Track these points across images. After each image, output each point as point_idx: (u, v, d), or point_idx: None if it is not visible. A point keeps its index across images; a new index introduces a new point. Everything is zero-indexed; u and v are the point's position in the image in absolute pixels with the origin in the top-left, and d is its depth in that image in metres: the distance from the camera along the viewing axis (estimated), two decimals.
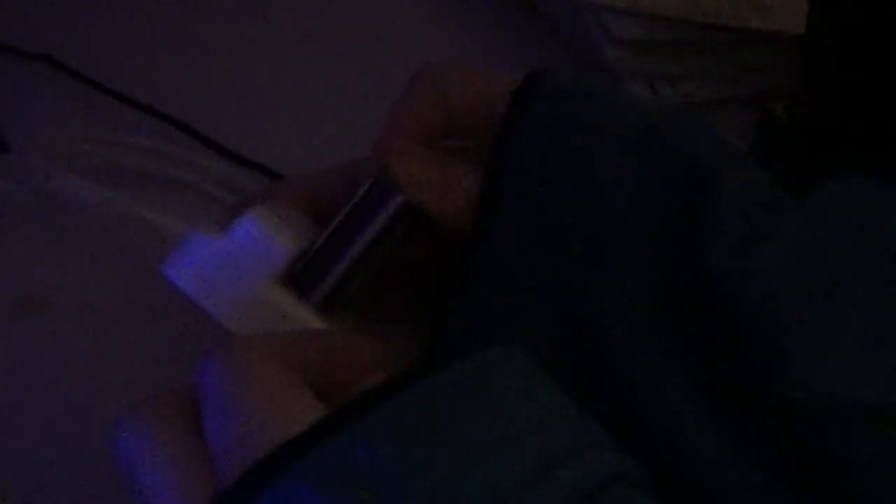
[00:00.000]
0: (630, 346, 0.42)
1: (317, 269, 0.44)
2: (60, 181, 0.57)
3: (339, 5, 0.73)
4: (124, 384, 0.51)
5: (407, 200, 0.45)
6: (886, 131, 0.59)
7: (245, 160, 0.60)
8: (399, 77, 0.49)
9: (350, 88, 0.67)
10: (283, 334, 0.41)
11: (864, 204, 0.43)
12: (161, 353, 0.51)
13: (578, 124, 0.45)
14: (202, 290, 0.43)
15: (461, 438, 0.33)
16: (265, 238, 0.43)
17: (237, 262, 0.43)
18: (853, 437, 0.38)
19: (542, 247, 0.44)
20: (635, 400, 0.41)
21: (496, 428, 0.34)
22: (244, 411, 0.36)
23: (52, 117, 0.62)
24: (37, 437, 0.49)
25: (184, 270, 0.43)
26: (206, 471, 0.36)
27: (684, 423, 0.41)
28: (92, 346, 0.52)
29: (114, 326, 0.52)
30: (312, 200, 0.48)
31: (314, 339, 0.42)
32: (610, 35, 0.68)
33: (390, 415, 0.34)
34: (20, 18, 0.67)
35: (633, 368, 0.41)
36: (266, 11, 0.72)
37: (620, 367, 0.42)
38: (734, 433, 0.40)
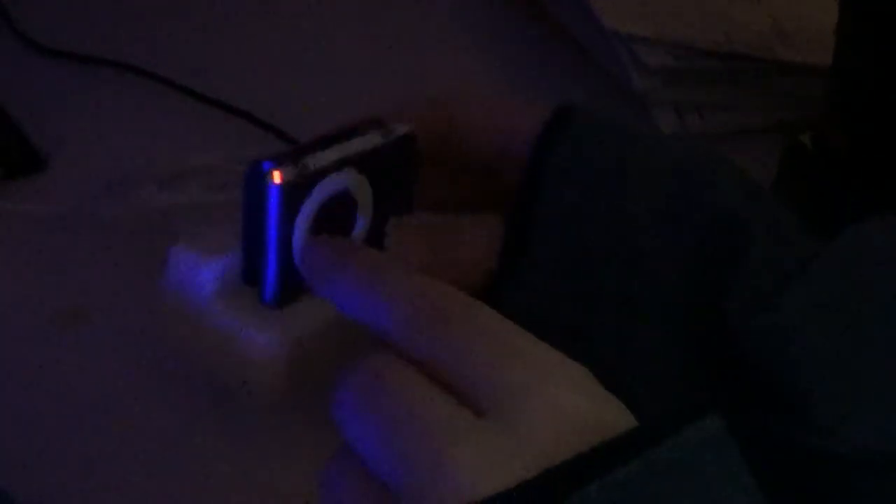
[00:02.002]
0: (652, 406, 0.40)
1: (250, 269, 0.42)
2: (97, 198, 0.58)
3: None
4: (161, 395, 0.51)
5: (262, 176, 0.40)
6: None
7: None
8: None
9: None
10: None
11: (890, 248, 0.43)
12: (196, 365, 0.52)
13: (610, 168, 0.44)
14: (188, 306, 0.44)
15: None
16: (194, 266, 0.44)
17: (184, 296, 0.44)
18: (888, 488, 0.38)
19: (570, 294, 0.43)
20: None
21: None
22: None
23: (91, 127, 0.63)
24: (76, 446, 0.50)
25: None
26: None
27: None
28: (128, 359, 0.53)
29: (150, 339, 0.53)
30: None
31: None
32: (639, 64, 0.69)
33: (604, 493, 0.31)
34: (80, 25, 0.68)
35: None
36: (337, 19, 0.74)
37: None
38: (765, 488, 0.40)
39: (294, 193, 0.41)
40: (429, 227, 0.45)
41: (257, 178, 0.40)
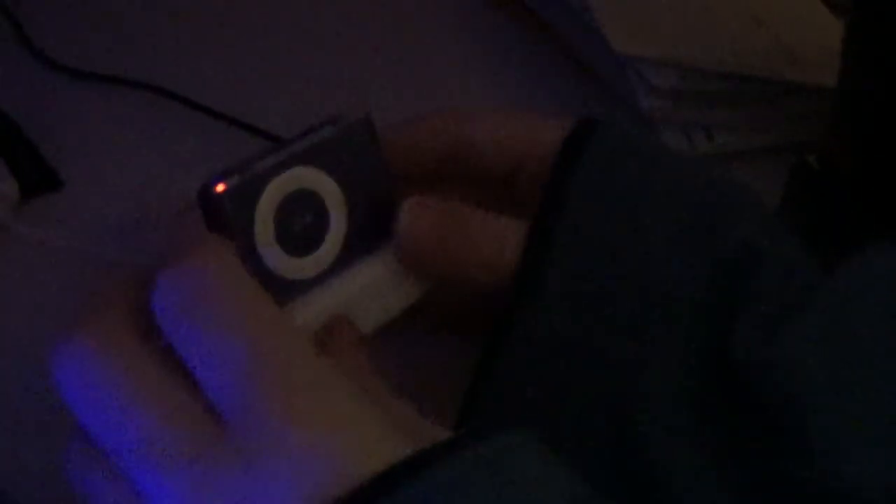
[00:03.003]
0: (663, 434, 0.41)
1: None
2: (114, 217, 0.58)
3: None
4: None
5: (208, 190, 0.40)
6: None
7: None
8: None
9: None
10: None
11: (892, 279, 0.42)
12: None
13: (629, 194, 0.44)
14: None
15: None
16: None
17: None
18: None
19: (583, 319, 0.42)
20: (668, 488, 0.41)
21: None
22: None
23: (114, 147, 0.64)
24: None
25: None
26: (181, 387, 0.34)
27: None
28: None
29: None
30: None
31: None
32: (648, 84, 0.69)
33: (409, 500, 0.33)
34: (92, 43, 0.69)
35: (664, 454, 0.41)
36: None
37: (652, 454, 0.41)
38: None
39: (241, 200, 0.40)
40: (445, 215, 0.44)
41: (207, 195, 0.40)
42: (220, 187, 0.39)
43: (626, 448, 0.42)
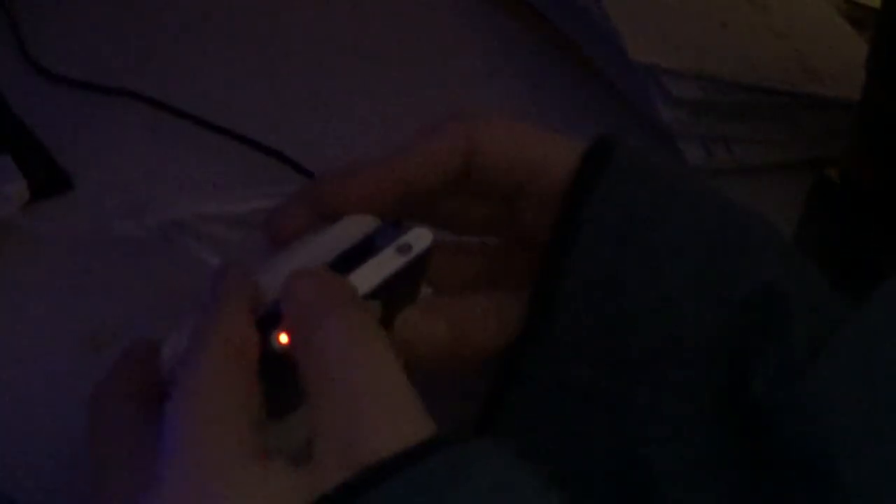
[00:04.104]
0: (675, 483, 0.40)
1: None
2: (125, 218, 0.58)
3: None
4: None
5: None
6: None
7: None
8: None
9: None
10: None
11: None
12: None
13: (647, 228, 0.42)
14: None
15: None
16: None
17: None
18: None
19: (595, 358, 0.42)
20: None
21: None
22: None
23: (120, 153, 0.63)
24: None
25: None
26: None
27: None
28: None
29: None
30: (346, 199, 0.44)
31: None
32: (668, 96, 0.69)
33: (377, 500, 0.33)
34: (93, 53, 0.69)
35: (675, 502, 0.40)
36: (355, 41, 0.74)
37: (663, 499, 0.40)
38: None
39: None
40: (439, 308, 0.44)
41: (265, 334, 0.38)
42: (285, 339, 0.38)
43: (635, 492, 0.41)
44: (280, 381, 0.38)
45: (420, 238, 0.40)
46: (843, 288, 0.44)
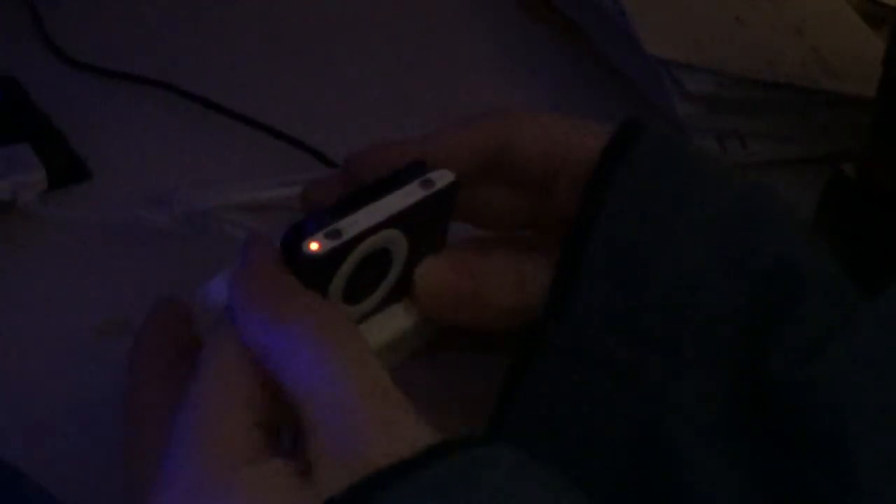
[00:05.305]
0: (695, 452, 0.41)
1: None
2: (140, 208, 0.58)
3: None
4: None
5: (298, 244, 0.40)
6: None
7: None
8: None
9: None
10: None
11: None
12: None
13: (669, 206, 0.43)
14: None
15: None
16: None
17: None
18: None
19: (617, 333, 0.42)
20: None
21: None
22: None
23: (139, 142, 0.64)
24: (120, 454, 0.50)
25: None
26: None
27: None
28: None
29: None
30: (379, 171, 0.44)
31: None
32: (682, 90, 0.69)
33: None
34: (114, 41, 0.69)
35: (696, 474, 0.40)
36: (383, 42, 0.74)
37: (684, 474, 0.41)
38: None
39: (330, 262, 0.40)
40: (459, 263, 0.45)
41: (294, 244, 0.39)
42: (315, 246, 0.39)
43: (651, 467, 0.41)
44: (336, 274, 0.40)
45: (443, 176, 0.43)
46: (857, 283, 0.44)
